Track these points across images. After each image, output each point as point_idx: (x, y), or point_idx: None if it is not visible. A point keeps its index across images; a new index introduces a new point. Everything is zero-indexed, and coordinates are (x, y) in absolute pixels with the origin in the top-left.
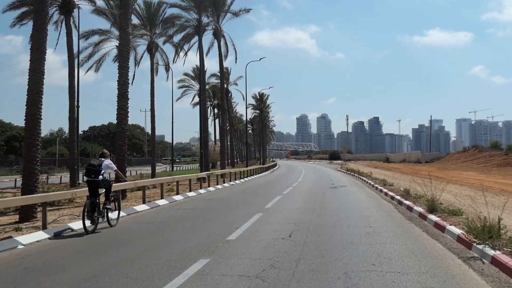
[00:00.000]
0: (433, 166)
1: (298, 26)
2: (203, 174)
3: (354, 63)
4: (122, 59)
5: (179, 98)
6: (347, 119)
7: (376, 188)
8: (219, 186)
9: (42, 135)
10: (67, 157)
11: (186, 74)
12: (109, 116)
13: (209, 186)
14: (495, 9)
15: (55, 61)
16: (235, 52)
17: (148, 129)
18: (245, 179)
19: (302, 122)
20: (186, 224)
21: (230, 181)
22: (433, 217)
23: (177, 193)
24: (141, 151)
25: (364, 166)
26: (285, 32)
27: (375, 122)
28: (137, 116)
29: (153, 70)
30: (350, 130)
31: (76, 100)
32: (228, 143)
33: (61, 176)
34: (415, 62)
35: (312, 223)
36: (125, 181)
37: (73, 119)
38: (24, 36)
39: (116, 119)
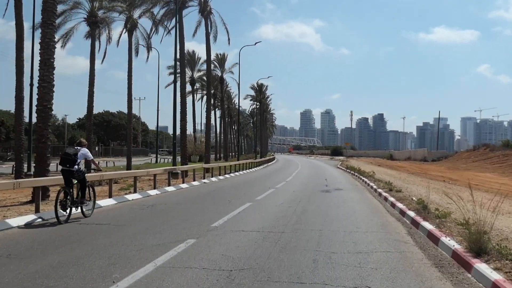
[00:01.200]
0: (441, 165)
1: (302, 20)
2: (166, 169)
3: (359, 59)
4: (46, 14)
5: (168, 85)
6: (351, 115)
7: (380, 194)
8: (194, 183)
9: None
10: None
11: (177, 60)
12: (105, 104)
13: (183, 182)
14: (502, 7)
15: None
16: (227, 33)
17: (144, 119)
18: (231, 174)
19: (306, 117)
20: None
21: (212, 177)
22: (488, 270)
23: (135, 191)
24: (136, 141)
25: (367, 164)
26: (290, 26)
27: (380, 118)
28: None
29: (131, 50)
30: (354, 126)
31: (30, 77)
32: (222, 135)
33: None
34: (420, 59)
35: (261, 270)
36: (100, 170)
37: (20, 98)
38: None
39: (37, 94)
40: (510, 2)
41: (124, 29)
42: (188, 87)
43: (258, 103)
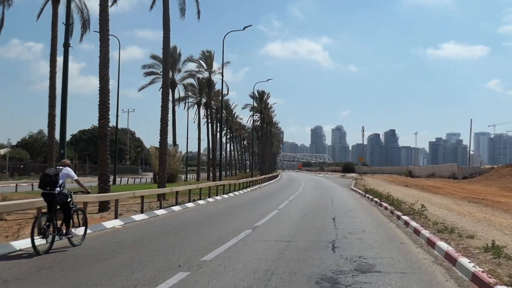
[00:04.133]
0: (481, 183)
1: (310, 37)
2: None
3: (368, 75)
4: None
5: (143, 88)
6: (363, 130)
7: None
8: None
9: (21, 137)
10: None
11: (154, 57)
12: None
13: (142, 212)
14: (511, 22)
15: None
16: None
17: (140, 135)
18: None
19: (316, 133)
20: None
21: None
22: None
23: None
24: (124, 157)
25: (387, 183)
26: (297, 44)
27: (391, 134)
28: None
29: (56, 24)
30: (365, 142)
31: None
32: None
33: None
34: (430, 75)
35: None
36: (88, 192)
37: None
38: (45, 43)
39: None
40: None
41: None
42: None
43: (259, 114)
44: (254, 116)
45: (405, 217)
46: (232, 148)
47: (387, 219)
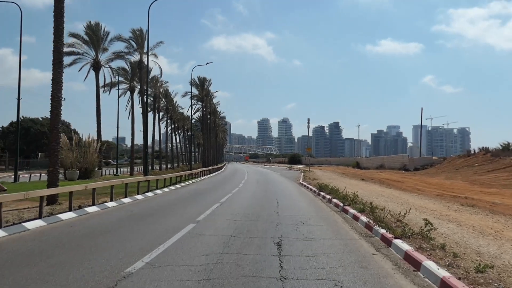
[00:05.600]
0: (440, 175)
1: (255, 32)
2: None
3: (311, 70)
4: None
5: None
6: (308, 122)
7: None
8: None
9: None
10: None
11: (75, 36)
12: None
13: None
14: (443, 21)
15: None
16: None
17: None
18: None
19: (263, 125)
20: None
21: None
22: None
23: None
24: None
25: (339, 175)
26: (242, 38)
27: (335, 127)
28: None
29: None
30: (310, 134)
31: None
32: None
33: None
34: (370, 70)
35: None
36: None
37: None
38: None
39: None
40: (451, 17)
41: None
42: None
43: (201, 102)
44: (197, 105)
45: (423, 259)
46: (178, 140)
47: (373, 248)
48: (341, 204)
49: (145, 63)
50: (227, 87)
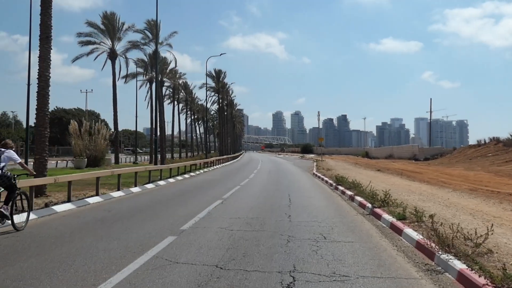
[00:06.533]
0: (455, 165)
1: (267, 32)
2: None
3: (319, 66)
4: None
5: (77, 58)
6: (319, 115)
7: None
8: None
9: None
10: None
11: (91, 24)
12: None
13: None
14: (440, 21)
15: None
16: None
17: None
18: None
19: (277, 118)
20: None
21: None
22: None
23: None
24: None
25: (353, 166)
26: (257, 38)
27: (343, 119)
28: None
29: None
30: (321, 126)
31: None
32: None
33: None
34: (374, 67)
35: None
36: (33, 175)
37: None
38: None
39: None
40: (446, 17)
41: None
42: (108, 65)
43: (217, 94)
44: (214, 97)
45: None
46: (200, 131)
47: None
48: (369, 205)
49: (166, 58)
50: (244, 82)
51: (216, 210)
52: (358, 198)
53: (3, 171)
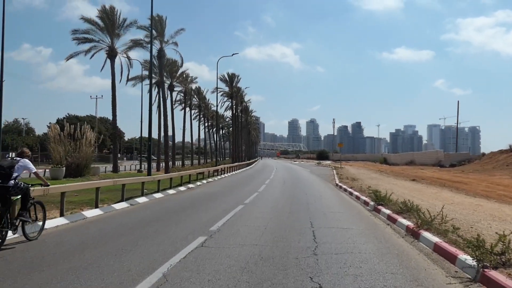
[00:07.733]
0: (495, 172)
1: (282, 42)
2: None
3: (333, 75)
4: None
5: (71, 57)
6: (334, 122)
7: None
8: None
9: None
10: None
11: (89, 21)
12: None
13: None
14: (452, 30)
15: None
16: None
17: (124, 129)
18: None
19: (293, 125)
20: None
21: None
22: None
23: None
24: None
25: (379, 174)
26: (272, 48)
27: (357, 126)
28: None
29: None
30: (335, 133)
31: None
32: (199, 139)
33: None
34: (387, 75)
35: None
36: (47, 185)
37: None
38: (53, 48)
39: None
40: (458, 26)
41: None
42: (107, 64)
43: (229, 98)
44: (228, 103)
45: None
46: (216, 138)
47: None
48: (466, 257)
49: (165, 52)
50: (261, 91)
51: (186, 268)
52: (431, 237)
53: (16, 181)
